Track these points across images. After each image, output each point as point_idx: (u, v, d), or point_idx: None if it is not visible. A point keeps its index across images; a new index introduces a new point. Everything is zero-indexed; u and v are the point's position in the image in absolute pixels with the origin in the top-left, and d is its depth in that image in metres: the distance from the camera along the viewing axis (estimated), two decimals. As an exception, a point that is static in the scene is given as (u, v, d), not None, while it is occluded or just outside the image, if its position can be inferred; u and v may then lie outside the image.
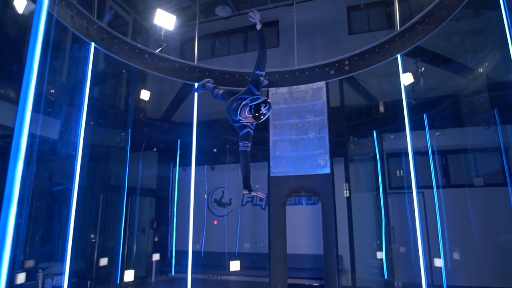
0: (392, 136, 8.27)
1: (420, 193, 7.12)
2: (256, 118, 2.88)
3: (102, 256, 7.38)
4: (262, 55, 3.14)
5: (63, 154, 6.16)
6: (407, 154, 6.15)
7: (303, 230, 8.96)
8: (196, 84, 4.32)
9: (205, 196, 9.87)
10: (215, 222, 9.82)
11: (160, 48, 7.63)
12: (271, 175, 7.02)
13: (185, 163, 8.91)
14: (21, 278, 5.32)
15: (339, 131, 7.54)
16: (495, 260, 7.01)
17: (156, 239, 9.73)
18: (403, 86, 6.30)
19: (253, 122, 3.05)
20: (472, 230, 7.12)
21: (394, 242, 8.01)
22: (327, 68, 7.17)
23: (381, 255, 7.71)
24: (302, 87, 7.26)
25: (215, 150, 9.24)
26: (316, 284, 8.15)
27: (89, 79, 5.74)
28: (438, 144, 7.56)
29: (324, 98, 7.03)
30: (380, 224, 7.92)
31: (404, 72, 6.36)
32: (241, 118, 3.00)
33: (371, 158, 8.36)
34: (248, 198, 9.89)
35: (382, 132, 8.34)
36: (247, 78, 7.23)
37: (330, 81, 7.14)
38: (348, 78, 7.17)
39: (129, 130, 7.29)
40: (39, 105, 4.32)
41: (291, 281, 7.15)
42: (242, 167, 3.11)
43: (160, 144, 9.60)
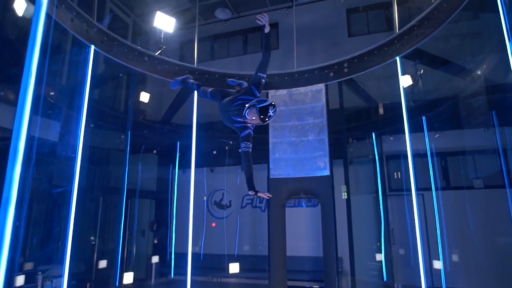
0: (391, 138, 8.27)
1: (419, 195, 7.13)
2: (262, 120, 2.92)
3: (101, 259, 7.37)
4: (266, 58, 3.18)
5: (62, 156, 6.16)
6: (407, 156, 6.16)
7: (303, 232, 8.95)
8: (173, 80, 4.23)
9: (204, 198, 9.86)
10: (213, 225, 9.81)
11: (160, 51, 7.65)
12: (270, 177, 7.03)
13: (184, 165, 8.91)
14: (20, 280, 5.30)
15: (338, 133, 7.55)
16: (494, 262, 7.00)
17: (156, 241, 9.72)
18: (402, 88, 6.31)
19: (258, 123, 3.07)
20: (472, 232, 7.11)
21: (394, 244, 8.00)
22: (326, 70, 7.18)
23: (380, 257, 7.70)
24: (302, 89, 7.27)
25: (214, 152, 9.24)
26: (316, 286, 8.13)
27: (89, 81, 5.76)
28: (437, 146, 7.56)
29: (324, 100, 7.04)
30: (379, 226, 7.91)
31: (403, 74, 6.38)
32: (246, 119, 3.02)
33: (370, 160, 8.36)
34: (248, 200, 9.89)
35: (381, 134, 8.35)
36: (246, 80, 7.27)
37: (330, 83, 7.16)
38: (348, 80, 7.18)
39: (128, 132, 7.30)
40: (39, 107, 4.33)
41: (290, 283, 7.14)
42: (245, 169, 3.12)
43: (160, 146, 9.60)
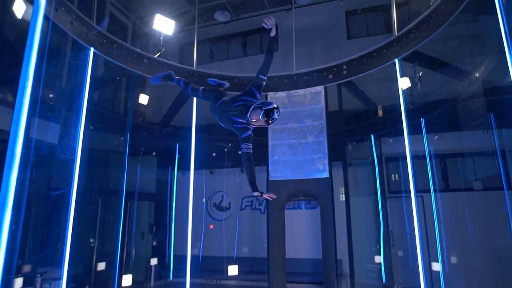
0: (390, 140, 8.27)
1: (419, 197, 7.12)
2: (266, 122, 2.98)
3: (100, 261, 7.36)
4: (268, 61, 3.22)
5: (62, 158, 6.16)
6: (406, 158, 6.16)
7: (302, 234, 8.94)
8: (153, 75, 4.14)
9: (203, 200, 9.85)
10: (211, 227, 9.80)
11: (159, 53, 7.66)
12: (270, 179, 7.03)
13: (184, 167, 8.91)
14: (18, 283, 5.29)
15: (337, 135, 7.55)
16: (493, 265, 6.99)
17: (155, 244, 9.71)
18: (401, 90, 6.32)
19: (260, 125, 3.11)
20: (470, 235, 7.10)
21: (393, 246, 7.99)
22: (325, 73, 7.20)
23: (379, 259, 7.69)
24: (301, 91, 7.28)
25: (214, 154, 9.24)
26: (315, 288, 8.11)
27: (88, 83, 5.77)
28: (437, 148, 7.57)
29: (323, 102, 7.05)
30: (378, 228, 7.91)
31: (402, 77, 6.39)
32: (251, 120, 3.04)
33: (370, 162, 8.36)
34: (247, 202, 9.89)
35: (380, 136, 8.36)
36: (246, 82, 7.28)
37: (329, 85, 7.17)
38: (347, 83, 7.19)
39: (127, 134, 7.31)
40: (38, 110, 4.33)
41: (290, 285, 7.12)
42: (248, 170, 3.13)
43: (159, 148, 9.60)
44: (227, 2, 9.67)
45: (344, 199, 7.02)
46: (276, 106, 3.01)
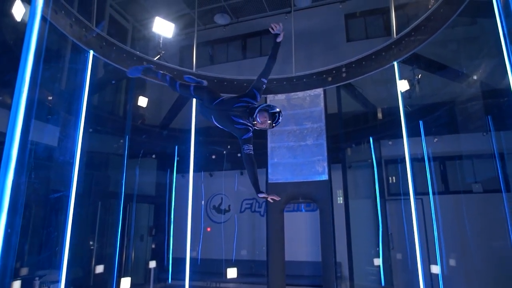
0: (390, 142, 8.28)
1: (418, 199, 7.11)
2: (270, 124, 3.06)
3: (99, 264, 7.34)
4: (271, 65, 3.29)
5: (61, 161, 6.16)
6: (405, 160, 6.16)
7: (301, 237, 8.92)
8: (131, 67, 3.86)
9: (202, 202, 9.84)
10: (208, 229, 9.77)
11: (159, 56, 7.68)
12: (269, 182, 7.02)
13: (183, 169, 8.90)
14: (16, 286, 5.27)
15: (337, 138, 7.55)
16: (492, 267, 6.97)
17: (154, 246, 9.68)
18: (400, 93, 6.33)
19: (264, 127, 3.13)
20: (469, 237, 7.09)
21: (393, 249, 7.97)
22: (324, 75, 7.21)
23: (378, 262, 7.67)
24: (300, 94, 7.29)
25: (213, 157, 9.24)
26: (314, 291, 8.08)
27: (87, 86, 5.78)
28: (436, 150, 7.56)
29: (322, 105, 7.05)
30: (378, 231, 7.89)
31: (400, 79, 6.40)
32: (258, 122, 3.06)
33: (369, 165, 8.35)
34: (246, 204, 9.87)
35: (380, 139, 8.36)
36: (245, 85, 7.29)
37: (328, 88, 7.17)
38: (346, 85, 7.21)
39: (127, 137, 7.30)
40: (38, 112, 4.33)
41: (289, 288, 7.10)
42: (250, 171, 3.12)
43: (159, 151, 9.60)
44: (226, 5, 9.70)
45: (341, 202, 7.00)
46: (280, 110, 3.09)
